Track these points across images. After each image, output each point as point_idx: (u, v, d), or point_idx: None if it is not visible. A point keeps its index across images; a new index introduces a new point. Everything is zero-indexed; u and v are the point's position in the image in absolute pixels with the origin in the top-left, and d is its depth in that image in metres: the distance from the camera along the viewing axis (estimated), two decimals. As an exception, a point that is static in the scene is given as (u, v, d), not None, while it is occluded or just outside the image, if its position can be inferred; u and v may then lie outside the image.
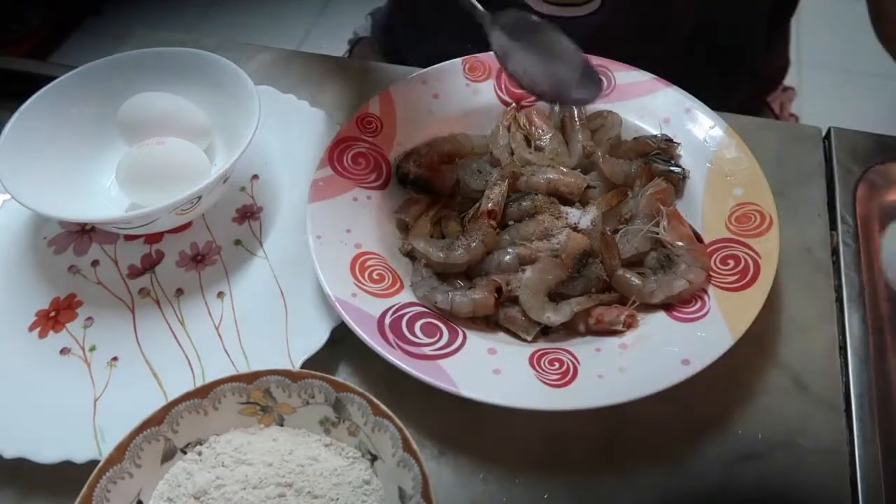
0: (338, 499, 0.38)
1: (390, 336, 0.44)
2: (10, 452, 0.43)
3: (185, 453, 0.40)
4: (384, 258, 0.50)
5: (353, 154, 0.54)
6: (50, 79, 0.55)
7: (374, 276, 0.48)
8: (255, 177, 0.58)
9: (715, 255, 0.47)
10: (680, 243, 0.48)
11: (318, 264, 0.47)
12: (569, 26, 0.64)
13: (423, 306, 0.47)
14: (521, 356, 0.44)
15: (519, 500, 0.42)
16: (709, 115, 0.54)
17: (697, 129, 0.54)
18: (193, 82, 0.56)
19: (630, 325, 0.46)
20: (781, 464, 0.43)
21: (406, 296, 0.48)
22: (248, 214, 0.56)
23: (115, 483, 0.37)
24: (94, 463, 0.39)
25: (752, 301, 0.44)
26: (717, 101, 0.56)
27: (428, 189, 0.53)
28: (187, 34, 0.68)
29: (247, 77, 0.54)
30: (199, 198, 0.50)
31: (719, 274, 0.46)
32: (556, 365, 0.43)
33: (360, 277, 0.47)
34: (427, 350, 0.44)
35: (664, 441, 0.44)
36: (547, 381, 0.42)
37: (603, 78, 0.53)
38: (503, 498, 0.43)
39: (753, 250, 0.46)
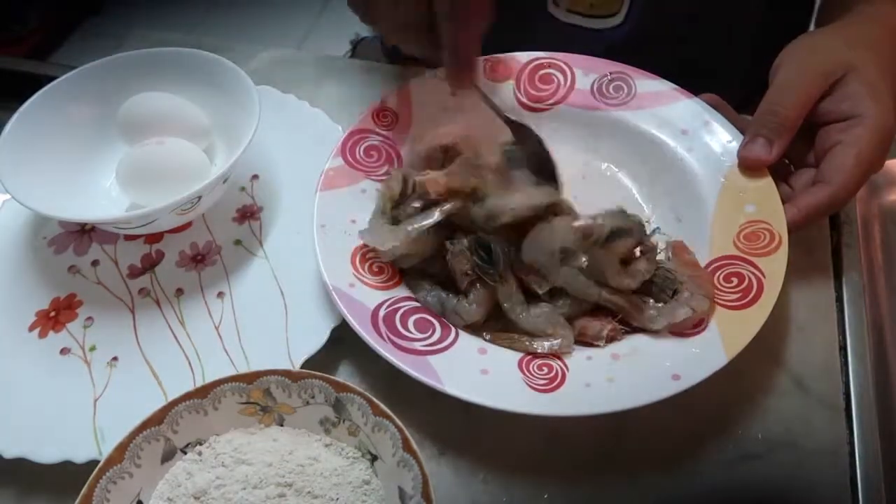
0: (338, 499, 0.38)
1: (383, 328, 0.44)
2: (10, 452, 0.43)
3: (185, 453, 0.40)
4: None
5: (365, 146, 0.54)
6: (50, 79, 0.55)
7: (374, 268, 0.48)
8: (255, 177, 0.58)
9: (719, 272, 0.46)
10: (684, 269, 0.47)
11: (320, 253, 0.47)
12: (592, 39, 0.65)
13: (419, 301, 0.47)
14: (511, 358, 0.44)
15: (519, 500, 0.42)
16: (728, 129, 0.53)
17: (715, 142, 0.53)
18: (193, 82, 0.56)
19: (613, 338, 0.45)
20: (781, 464, 0.43)
21: (404, 290, 0.48)
22: (248, 214, 0.55)
23: (115, 483, 0.37)
24: (94, 463, 0.39)
25: (751, 321, 0.43)
26: (738, 110, 0.55)
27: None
28: (187, 34, 0.69)
29: (247, 77, 0.54)
30: (199, 198, 0.50)
31: (721, 291, 0.45)
32: (545, 370, 0.43)
33: (359, 269, 0.48)
34: (417, 345, 0.44)
35: (664, 441, 0.44)
36: (533, 386, 0.42)
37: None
38: (503, 498, 0.43)
39: (759, 269, 0.45)
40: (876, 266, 0.53)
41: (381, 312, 0.45)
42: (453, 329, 0.46)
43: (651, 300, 0.46)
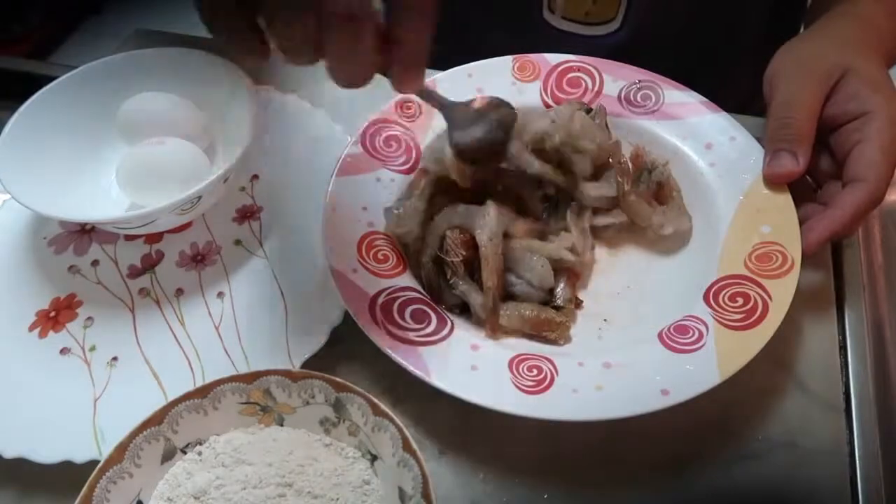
0: (338, 499, 0.38)
1: (379, 316, 0.45)
2: (10, 452, 0.43)
3: (185, 453, 0.40)
4: (393, 240, 0.50)
5: (386, 136, 0.55)
6: (50, 79, 0.55)
7: (380, 256, 0.49)
8: (255, 177, 0.58)
9: (725, 291, 0.46)
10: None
11: (326, 235, 0.48)
12: (587, 45, 0.65)
13: (419, 292, 0.47)
14: (502, 357, 0.44)
15: (519, 500, 0.42)
16: (753, 146, 0.52)
17: (738, 158, 0.52)
18: (193, 82, 0.56)
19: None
20: (781, 464, 0.43)
21: (405, 280, 0.48)
22: (248, 214, 0.55)
23: (115, 483, 0.37)
24: (94, 463, 0.39)
25: (750, 343, 0.42)
26: (737, 110, 0.55)
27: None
28: (187, 34, 0.68)
29: (247, 77, 0.54)
30: (199, 198, 0.50)
31: (724, 311, 0.45)
32: (534, 372, 0.43)
33: (364, 255, 0.48)
34: (412, 335, 0.44)
35: (664, 441, 0.44)
36: (520, 386, 0.42)
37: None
38: (503, 498, 0.43)
39: (767, 292, 0.45)
40: (876, 266, 0.53)
41: (380, 300, 0.46)
42: (449, 322, 0.46)
43: (657, 206, 0.51)
